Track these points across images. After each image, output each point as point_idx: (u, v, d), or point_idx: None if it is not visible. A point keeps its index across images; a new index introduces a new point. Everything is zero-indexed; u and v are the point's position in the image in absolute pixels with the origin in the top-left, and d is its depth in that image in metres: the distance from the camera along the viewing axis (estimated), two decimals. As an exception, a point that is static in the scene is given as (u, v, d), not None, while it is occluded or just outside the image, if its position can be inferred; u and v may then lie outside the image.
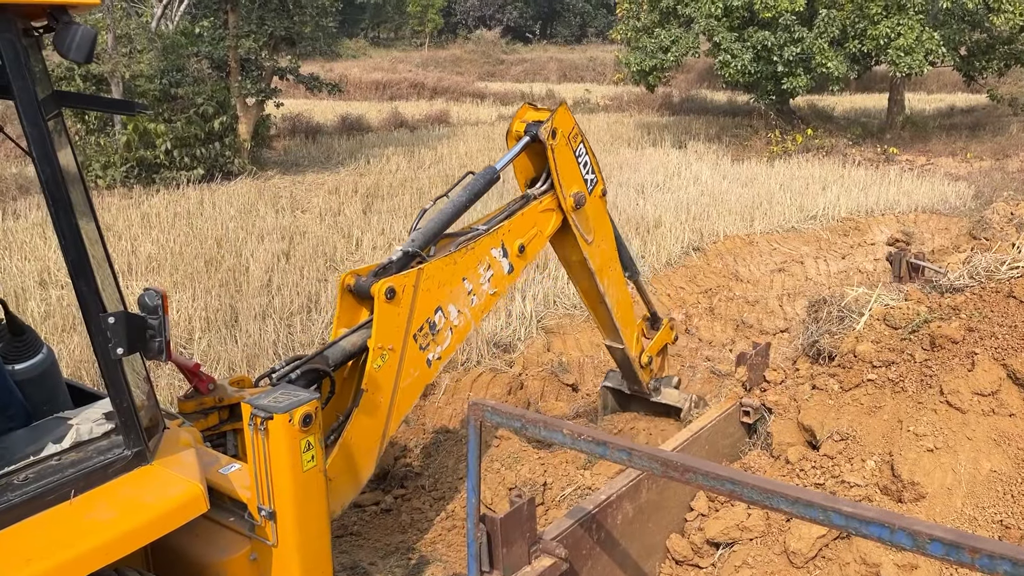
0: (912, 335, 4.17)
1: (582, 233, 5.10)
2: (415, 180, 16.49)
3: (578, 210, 5.04)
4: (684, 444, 4.03)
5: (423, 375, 4.32)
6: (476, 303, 4.55)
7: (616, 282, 5.51)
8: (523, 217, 4.79)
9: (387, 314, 4.04)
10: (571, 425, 2.14)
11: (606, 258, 5.40)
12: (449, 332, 4.41)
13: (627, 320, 5.69)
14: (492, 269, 4.61)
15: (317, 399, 3.26)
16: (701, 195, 15.31)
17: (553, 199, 4.95)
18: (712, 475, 1.86)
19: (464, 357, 8.26)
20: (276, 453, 3.14)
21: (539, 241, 4.94)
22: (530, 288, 9.84)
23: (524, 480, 5.84)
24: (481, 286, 4.56)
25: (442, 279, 4.31)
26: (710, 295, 10.69)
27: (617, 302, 5.54)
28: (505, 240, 4.68)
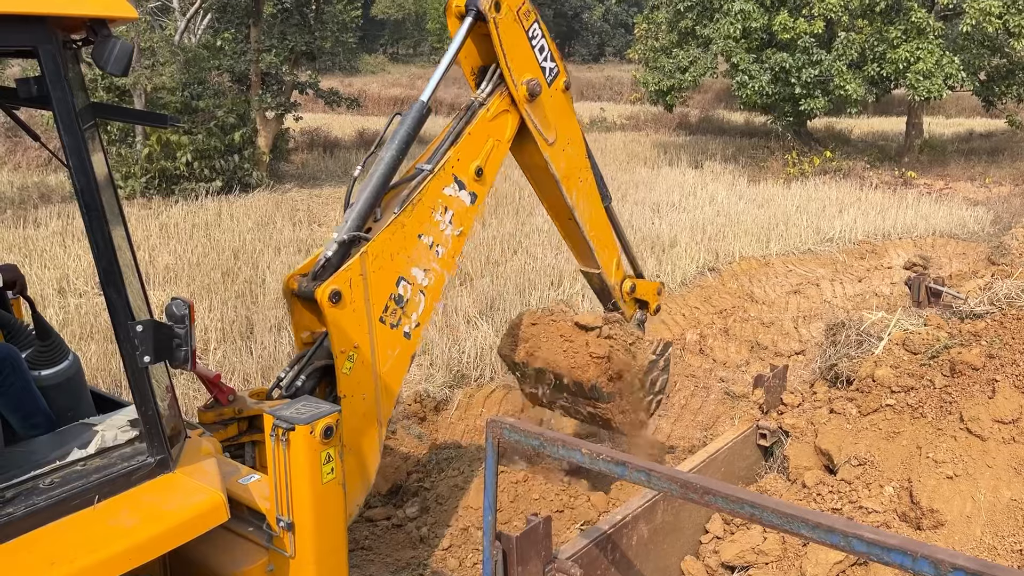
0: (932, 361, 4.15)
1: (540, 131, 4.47)
2: (432, 195, 16.57)
3: (533, 102, 4.39)
4: (701, 465, 4.02)
5: (405, 348, 4.06)
6: (443, 252, 4.16)
7: (587, 196, 4.93)
8: (472, 136, 4.21)
9: (339, 318, 3.76)
10: (590, 445, 2.15)
11: (573, 165, 4.80)
12: (421, 295, 4.08)
13: (603, 240, 5.16)
14: (451, 209, 4.14)
15: (339, 412, 3.28)
16: (717, 215, 15.30)
17: (504, 97, 4.32)
18: (732, 498, 1.87)
19: (477, 373, 8.27)
20: (296, 464, 3.15)
21: (499, 153, 4.39)
22: (544, 304, 9.84)
23: (536, 499, 5.84)
24: (443, 232, 4.14)
25: (393, 250, 3.94)
26: (725, 316, 10.66)
27: (590, 218, 4.98)
28: (457, 171, 4.15)
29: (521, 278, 10.90)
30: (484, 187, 4.32)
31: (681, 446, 7.15)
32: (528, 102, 4.41)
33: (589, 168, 5.00)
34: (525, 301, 10.03)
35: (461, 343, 8.66)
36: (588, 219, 4.98)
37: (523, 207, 15.75)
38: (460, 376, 8.21)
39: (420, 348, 4.27)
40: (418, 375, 8.28)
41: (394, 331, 3.99)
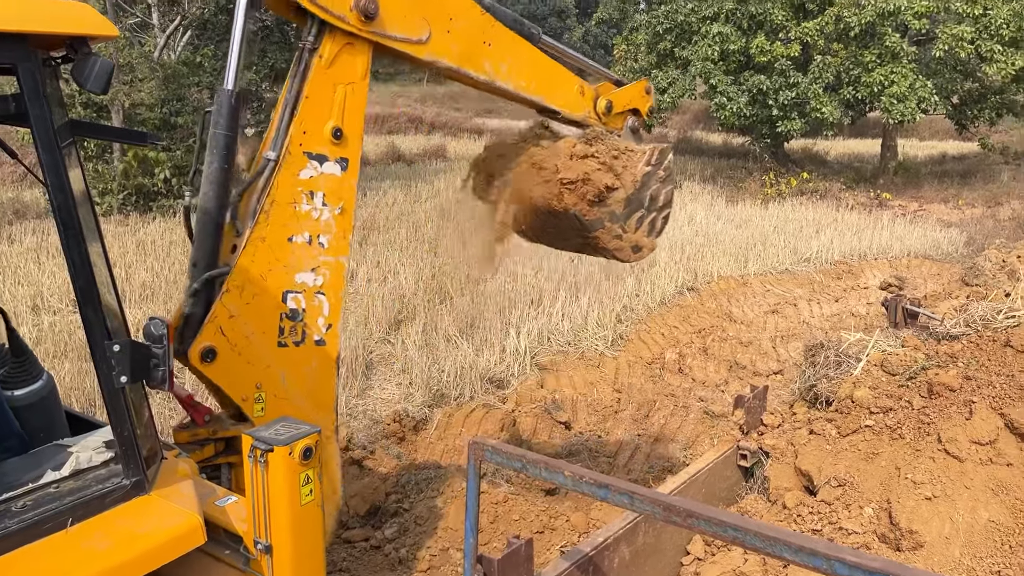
0: (910, 382, 4.19)
1: (407, 40, 3.64)
2: (411, 214, 16.58)
3: (374, 20, 3.48)
4: (681, 487, 4.01)
5: (323, 357, 3.67)
6: (329, 240, 3.64)
7: (504, 52, 4.05)
8: (311, 98, 3.50)
9: (222, 372, 3.41)
10: (573, 467, 2.14)
11: (469, 37, 3.90)
12: (319, 297, 3.63)
13: (550, 84, 4.43)
14: (319, 190, 3.58)
15: (318, 432, 3.25)
16: (696, 235, 15.41)
17: (336, 34, 3.49)
18: (715, 521, 1.86)
19: (457, 392, 8.24)
20: (275, 486, 3.11)
21: (356, 97, 3.64)
22: (524, 324, 9.85)
23: (516, 520, 5.80)
24: (319, 220, 3.60)
25: (262, 269, 3.47)
26: (704, 335, 10.71)
27: (520, 73, 4.18)
28: (308, 146, 3.52)
29: (501, 296, 10.90)
30: (351, 147, 3.64)
31: (661, 466, 7.14)
32: (367, 22, 3.49)
33: (491, 21, 4.00)
34: (505, 320, 10.03)
35: (440, 362, 8.63)
36: (519, 75, 4.17)
37: (503, 226, 15.76)
38: (439, 395, 8.18)
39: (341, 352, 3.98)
40: (397, 394, 8.24)
41: (302, 347, 3.62)
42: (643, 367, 9.62)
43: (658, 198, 4.99)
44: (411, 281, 11.42)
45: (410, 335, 9.38)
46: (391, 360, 8.97)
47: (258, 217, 3.44)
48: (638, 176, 4.72)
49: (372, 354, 9.12)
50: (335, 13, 3.44)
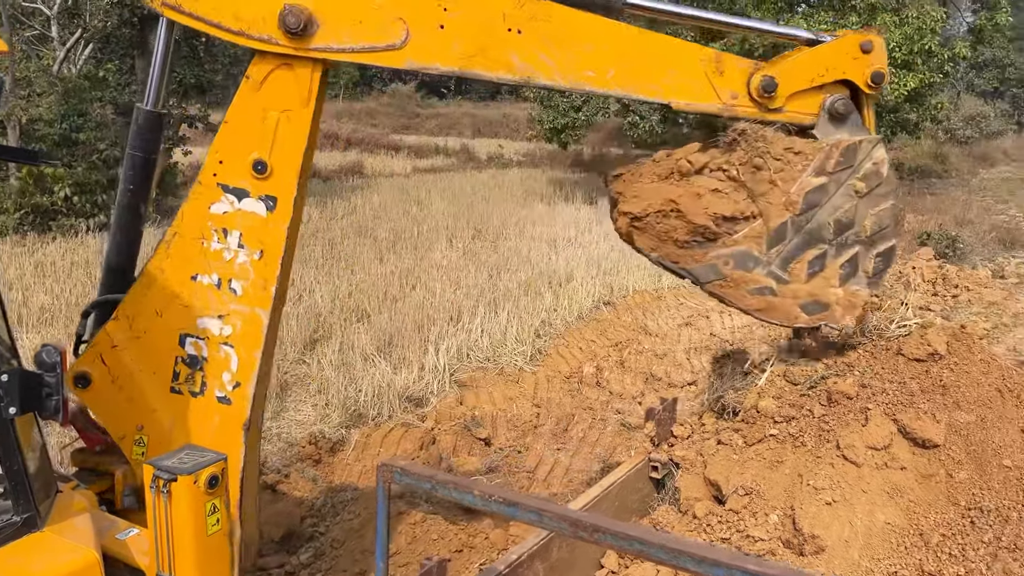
0: (811, 391, 4.35)
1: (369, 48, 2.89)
2: (327, 231, 16.36)
3: (310, 36, 2.84)
4: (594, 501, 4.06)
5: (226, 417, 3.28)
6: (243, 287, 3.16)
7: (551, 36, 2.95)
8: (233, 124, 3.07)
9: (97, 401, 3.18)
10: (482, 486, 2.14)
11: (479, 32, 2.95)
12: (226, 349, 3.20)
13: (641, 68, 3.08)
14: (235, 228, 3.12)
15: (224, 460, 3.16)
16: (612, 250, 15.65)
17: (269, 56, 2.98)
18: (621, 535, 1.90)
19: (375, 412, 8.14)
20: (179, 517, 3.01)
21: (293, 128, 3.04)
22: (443, 341, 9.82)
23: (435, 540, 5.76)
24: (233, 263, 3.15)
25: (157, 305, 3.15)
26: (620, 348, 10.88)
27: (580, 63, 3.01)
28: (224, 178, 3.09)
29: (420, 314, 10.84)
30: (281, 184, 3.09)
31: (580, 479, 7.21)
32: (299, 39, 2.89)
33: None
34: (424, 337, 9.97)
35: (358, 381, 8.52)
36: (579, 64, 2.98)
37: (421, 242, 15.73)
38: (357, 415, 8.07)
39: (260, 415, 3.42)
40: (313, 416, 8.09)
41: (200, 400, 3.28)
42: (562, 381, 9.71)
43: (853, 223, 3.52)
44: (327, 299, 11.25)
45: (326, 355, 9.24)
46: (306, 381, 8.81)
47: (159, 247, 3.19)
48: (799, 194, 3.40)
49: (287, 375, 8.94)
50: (258, 36, 3.00)
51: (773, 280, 3.66)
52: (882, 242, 3.81)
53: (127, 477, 3.44)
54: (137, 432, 3.24)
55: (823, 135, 3.56)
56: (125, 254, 3.30)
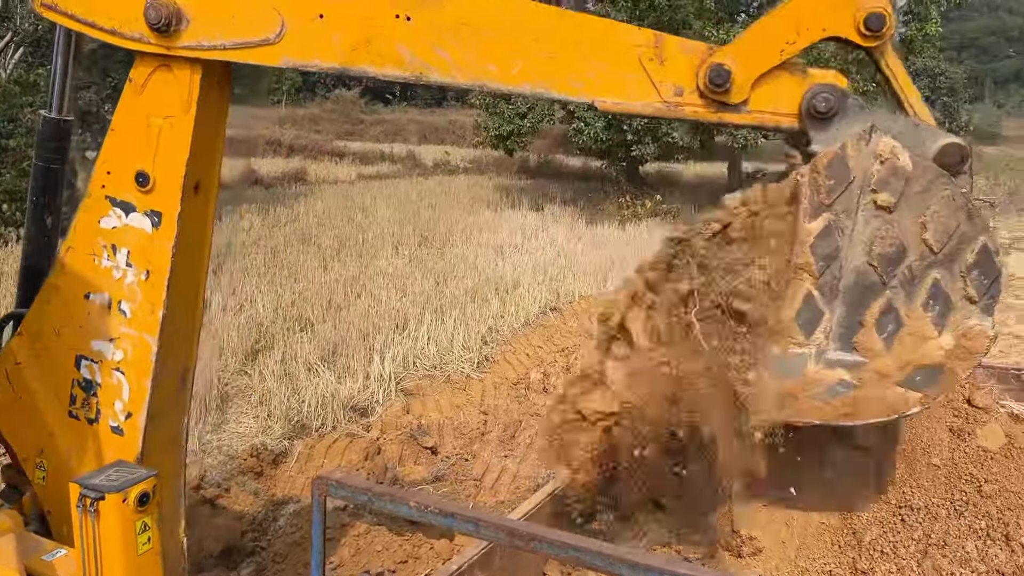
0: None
1: (242, 44, 2.66)
2: (270, 238, 16.11)
3: (179, 32, 2.65)
4: (536, 508, 4.06)
5: (119, 450, 3.13)
6: (132, 309, 2.99)
7: (448, 26, 2.53)
8: (119, 132, 2.89)
9: (3, 420, 3.06)
10: (418, 497, 2.12)
11: (362, 22, 2.61)
12: (117, 376, 3.04)
13: (560, 62, 2.50)
14: (123, 245, 2.94)
15: (155, 476, 3.07)
16: (558, 256, 15.76)
17: (148, 57, 2.79)
18: (557, 543, 1.89)
19: (319, 422, 8.03)
20: (108, 537, 2.92)
21: (174, 136, 2.83)
22: (389, 349, 9.74)
23: (379, 551, 5.70)
24: (122, 283, 2.97)
25: (57, 323, 3.01)
26: (567, 354, 10.92)
27: (483, 57, 2.55)
28: (112, 190, 2.91)
29: (365, 322, 10.74)
30: (165, 198, 2.87)
31: (528, 486, 7.21)
32: (167, 37, 2.68)
33: None
34: (369, 345, 9.88)
35: (301, 392, 8.40)
36: (481, 58, 2.54)
37: (366, 250, 15.60)
38: (300, 427, 7.95)
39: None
40: (254, 427, 7.94)
41: (95, 428, 3.09)
42: (509, 388, 9.71)
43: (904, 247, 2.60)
44: (269, 309, 11.07)
45: (268, 365, 9.08)
46: (248, 392, 8.65)
47: (56, 262, 3.00)
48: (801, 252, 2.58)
49: (228, 386, 8.76)
50: (130, 35, 2.75)
51: (842, 370, 2.65)
52: (965, 249, 2.63)
53: (34, 501, 3.29)
54: (38, 456, 3.09)
55: (825, 144, 2.60)
56: (35, 267, 3.13)
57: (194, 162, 2.92)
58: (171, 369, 3.19)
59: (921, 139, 2.59)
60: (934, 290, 2.61)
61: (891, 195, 2.58)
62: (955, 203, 2.61)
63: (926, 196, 2.60)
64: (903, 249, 2.60)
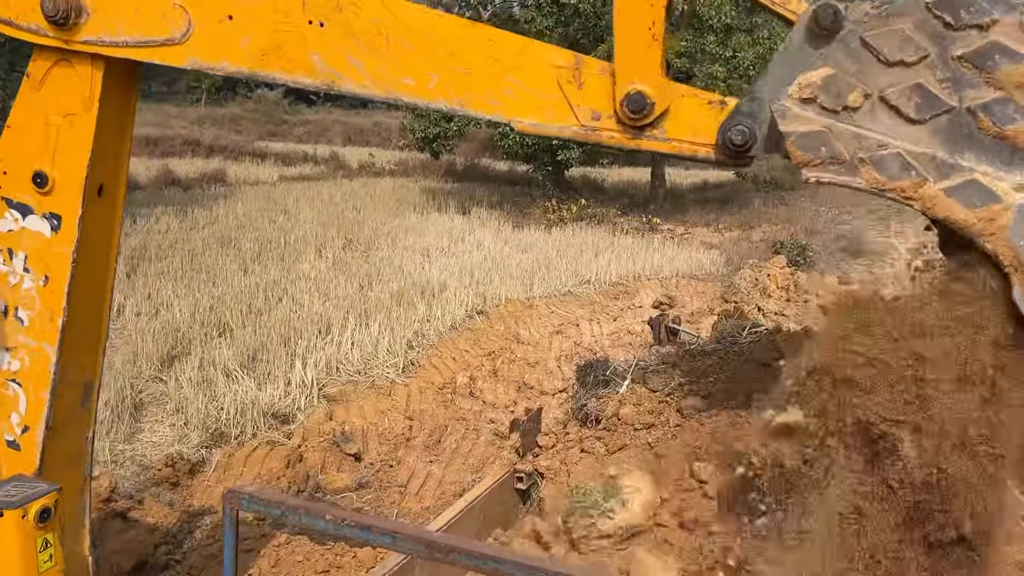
0: (668, 398, 4.50)
1: (145, 43, 2.53)
2: (187, 241, 15.65)
3: (77, 25, 2.53)
4: (458, 516, 4.03)
5: (15, 466, 3.02)
6: (30, 317, 2.89)
7: (362, 35, 2.39)
8: (15, 129, 2.78)
9: None
10: (333, 511, 2.07)
11: (273, 26, 2.47)
12: (13, 387, 2.95)
13: (475, 80, 2.38)
14: (20, 249, 2.84)
15: (57, 490, 2.93)
16: (484, 260, 15.76)
17: (46, 51, 2.66)
18: (476, 554, 1.87)
19: (238, 430, 7.82)
20: (7, 554, 2.78)
21: (75, 135, 2.72)
22: (311, 354, 9.56)
23: (300, 562, 5.58)
24: (19, 289, 2.87)
25: None
26: (493, 358, 10.94)
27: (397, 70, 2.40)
28: (7, 190, 2.82)
29: (286, 327, 10.52)
30: (65, 201, 2.75)
31: (453, 491, 7.17)
32: (64, 30, 2.55)
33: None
34: (291, 351, 9.68)
35: (219, 399, 8.16)
36: (395, 71, 2.40)
37: (288, 253, 15.30)
38: (218, 435, 7.73)
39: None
40: (170, 436, 7.69)
41: None
42: (435, 392, 9.65)
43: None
44: (186, 313, 10.74)
45: (185, 371, 8.81)
46: (163, 400, 8.37)
47: None
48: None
49: (142, 394, 8.47)
50: (26, 26, 2.61)
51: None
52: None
53: None
54: None
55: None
56: None
57: (97, 163, 2.79)
58: (72, 380, 3.06)
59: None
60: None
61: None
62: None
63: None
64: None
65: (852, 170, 2.06)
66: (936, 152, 1.98)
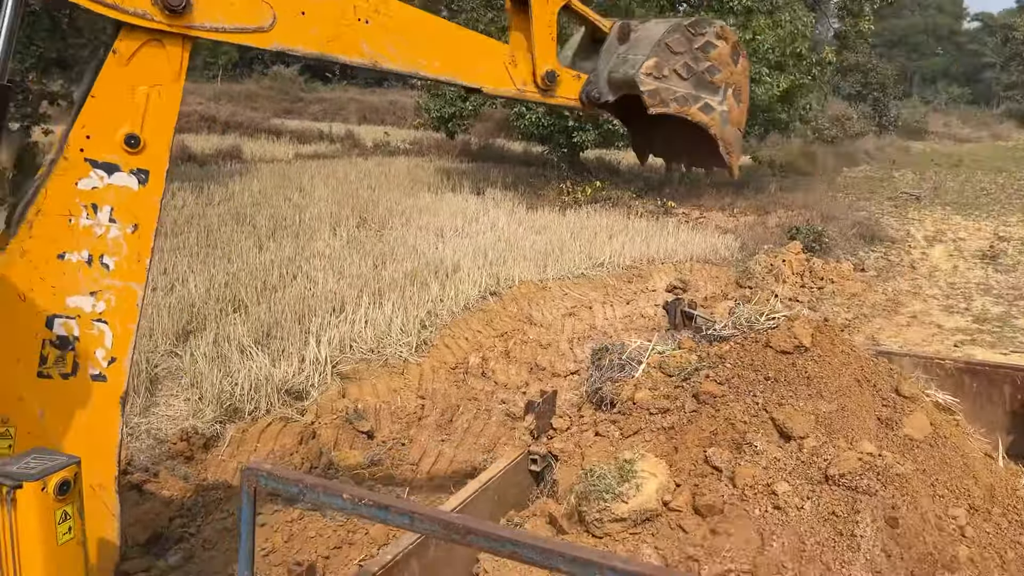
0: (684, 383, 4.48)
1: (240, 30, 3.15)
2: (203, 217, 15.70)
3: (185, 13, 3.00)
4: (472, 497, 4.03)
5: (102, 394, 3.21)
6: (116, 261, 3.14)
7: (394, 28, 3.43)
8: (100, 99, 3.03)
9: None
10: (351, 490, 2.07)
11: (335, 20, 3.30)
12: (99, 326, 3.17)
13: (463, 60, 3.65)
14: (106, 203, 3.10)
15: (76, 463, 2.95)
16: (498, 241, 15.73)
17: (138, 31, 3.02)
18: (493, 536, 1.87)
19: (252, 406, 7.87)
20: (25, 527, 2.80)
21: (164, 102, 3.14)
22: (325, 332, 9.60)
23: (312, 537, 5.63)
24: (105, 239, 3.11)
25: (21, 287, 3.04)
26: (506, 339, 10.94)
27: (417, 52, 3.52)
28: (91, 152, 3.06)
29: (300, 304, 10.56)
30: (154, 157, 3.16)
31: (465, 471, 7.20)
32: (175, 16, 3.01)
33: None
34: (305, 328, 9.72)
35: (234, 375, 8.21)
36: (416, 54, 3.51)
37: (303, 230, 15.33)
38: (233, 410, 7.78)
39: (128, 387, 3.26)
40: (185, 411, 7.75)
41: (72, 381, 3.16)
42: (447, 372, 9.68)
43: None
44: (202, 289, 10.79)
45: (200, 347, 8.86)
46: (179, 374, 8.43)
47: (19, 228, 3.00)
48: None
49: (157, 368, 8.53)
50: (133, 11, 2.96)
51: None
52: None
53: None
54: (1, 425, 3.08)
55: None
56: None
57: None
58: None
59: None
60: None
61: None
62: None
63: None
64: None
65: (667, 105, 3.78)
66: (694, 92, 3.83)
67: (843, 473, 3.65)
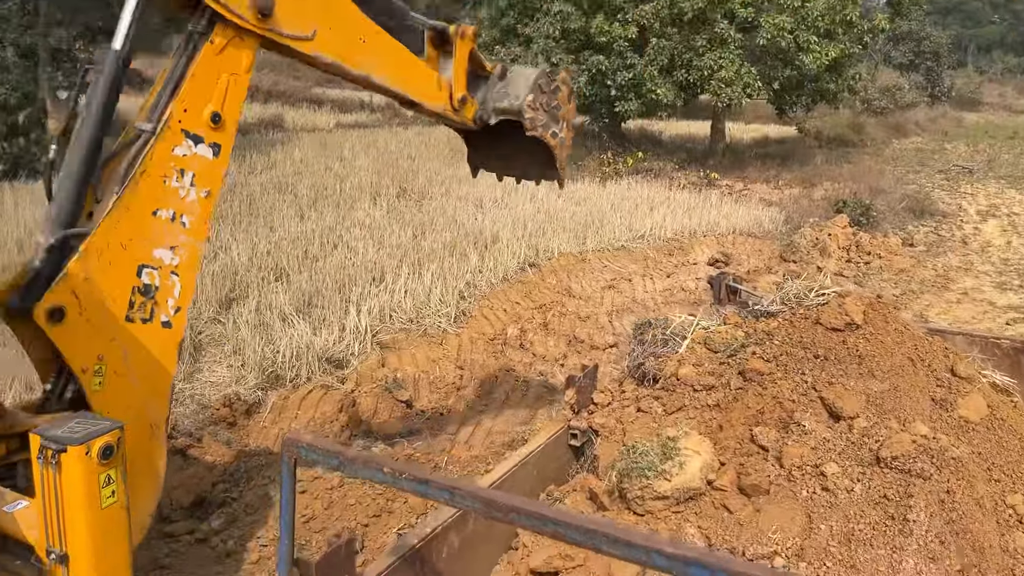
0: (730, 359, 4.37)
1: (297, 37, 3.83)
2: (245, 186, 15.81)
3: (269, 18, 3.68)
4: (512, 470, 4.00)
5: (167, 339, 3.67)
6: (191, 221, 3.68)
7: (377, 47, 4.20)
8: (197, 78, 3.59)
9: (68, 335, 3.30)
10: (392, 463, 2.04)
11: (348, 36, 4.09)
12: (173, 277, 3.64)
13: (412, 78, 4.48)
14: (190, 169, 3.64)
15: (120, 428, 2.97)
16: (537, 212, 15.60)
17: (230, 28, 3.63)
18: (536, 515, 1.82)
19: (293, 373, 7.93)
20: (70, 489, 2.83)
21: (237, 89, 3.77)
22: (365, 301, 9.62)
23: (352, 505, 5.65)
24: (185, 200, 3.64)
25: (124, 238, 3.47)
26: (544, 311, 10.88)
27: (386, 68, 4.28)
28: (187, 124, 3.60)
29: (341, 273, 10.60)
30: (226, 134, 3.75)
31: (502, 441, 7.19)
32: (263, 20, 3.66)
33: (364, 19, 4.16)
34: (345, 297, 9.75)
35: (276, 342, 8.27)
36: (385, 69, 4.29)
37: (344, 200, 15.36)
38: (274, 377, 7.85)
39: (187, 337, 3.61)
40: (228, 377, 7.83)
41: (148, 326, 3.60)
42: (485, 343, 9.65)
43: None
44: (244, 257, 10.88)
45: (242, 314, 8.94)
46: (222, 341, 8.52)
47: (127, 185, 3.45)
48: None
49: (201, 335, 8.62)
50: (234, 10, 3.57)
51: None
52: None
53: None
54: (98, 362, 3.41)
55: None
56: (77, 193, 3.51)
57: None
58: None
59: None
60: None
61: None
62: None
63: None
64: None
65: (536, 130, 4.64)
66: (549, 122, 4.80)
67: (896, 455, 3.53)
